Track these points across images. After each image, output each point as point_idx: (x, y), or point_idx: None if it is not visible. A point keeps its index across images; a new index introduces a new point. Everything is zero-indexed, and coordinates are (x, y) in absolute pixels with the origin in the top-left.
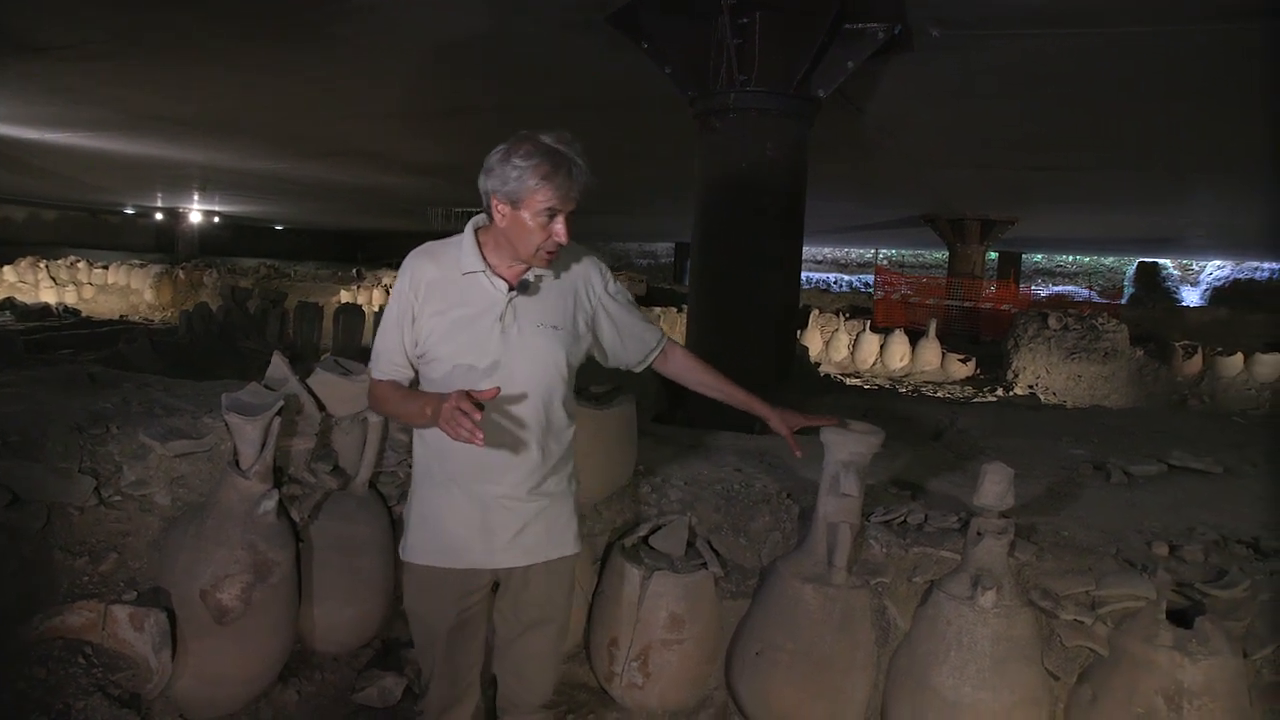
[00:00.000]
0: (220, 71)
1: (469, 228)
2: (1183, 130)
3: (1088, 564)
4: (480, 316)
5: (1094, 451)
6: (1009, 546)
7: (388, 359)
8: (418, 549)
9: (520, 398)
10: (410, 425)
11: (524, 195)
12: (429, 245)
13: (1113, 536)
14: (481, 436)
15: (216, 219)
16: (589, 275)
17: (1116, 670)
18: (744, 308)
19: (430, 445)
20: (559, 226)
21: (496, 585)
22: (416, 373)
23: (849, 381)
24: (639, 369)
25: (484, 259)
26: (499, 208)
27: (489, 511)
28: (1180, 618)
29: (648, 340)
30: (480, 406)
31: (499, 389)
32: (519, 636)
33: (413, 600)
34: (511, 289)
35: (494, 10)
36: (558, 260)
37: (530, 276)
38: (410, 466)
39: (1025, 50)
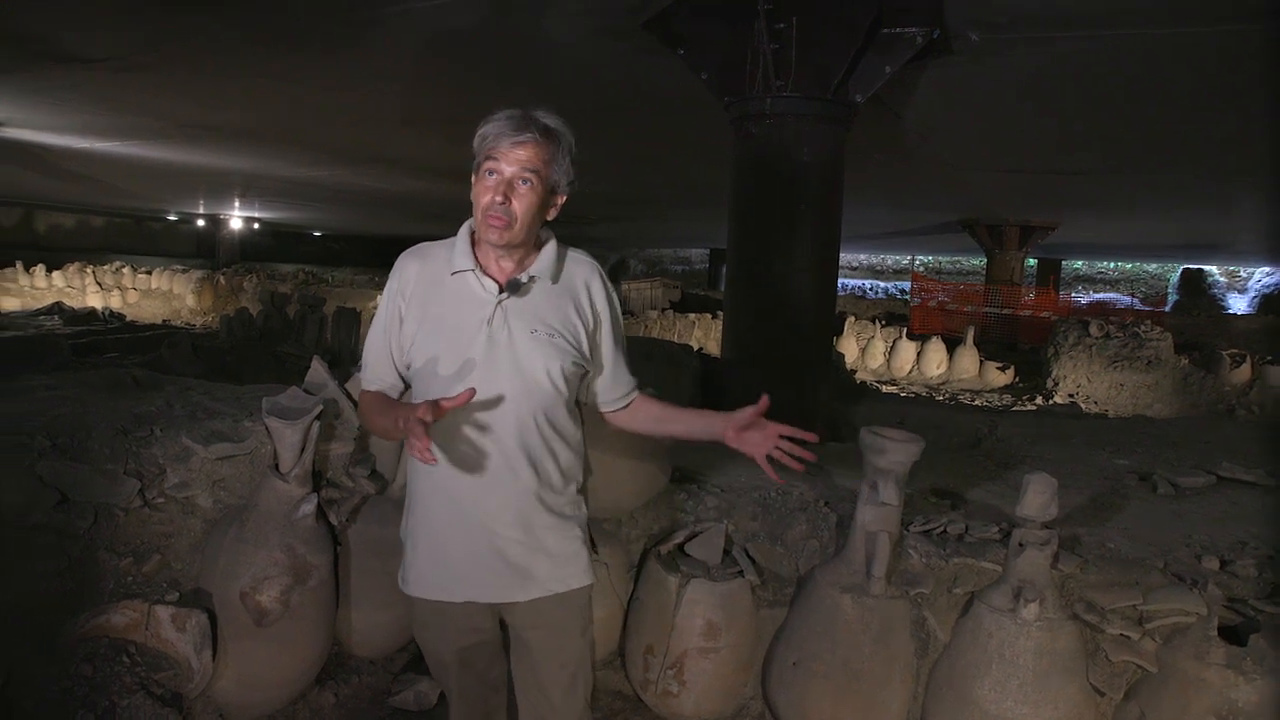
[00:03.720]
0: (255, 80)
1: (465, 226)
2: (1227, 133)
3: (1134, 577)
4: (466, 320)
5: (1139, 462)
6: (1052, 558)
7: (373, 369)
8: (412, 580)
9: (508, 410)
10: (389, 440)
11: (477, 153)
12: (421, 245)
13: (1160, 549)
14: (434, 458)
15: (256, 225)
16: (591, 282)
17: (1166, 688)
18: (780, 313)
19: (416, 464)
20: (498, 186)
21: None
22: (408, 385)
23: (885, 389)
24: (603, 410)
25: (475, 258)
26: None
27: (480, 538)
28: (1233, 635)
29: (627, 381)
30: (466, 422)
31: (473, 391)
32: (531, 688)
33: (416, 631)
34: (501, 290)
35: (527, 17)
36: (559, 264)
37: (523, 277)
38: None
39: (1065, 53)
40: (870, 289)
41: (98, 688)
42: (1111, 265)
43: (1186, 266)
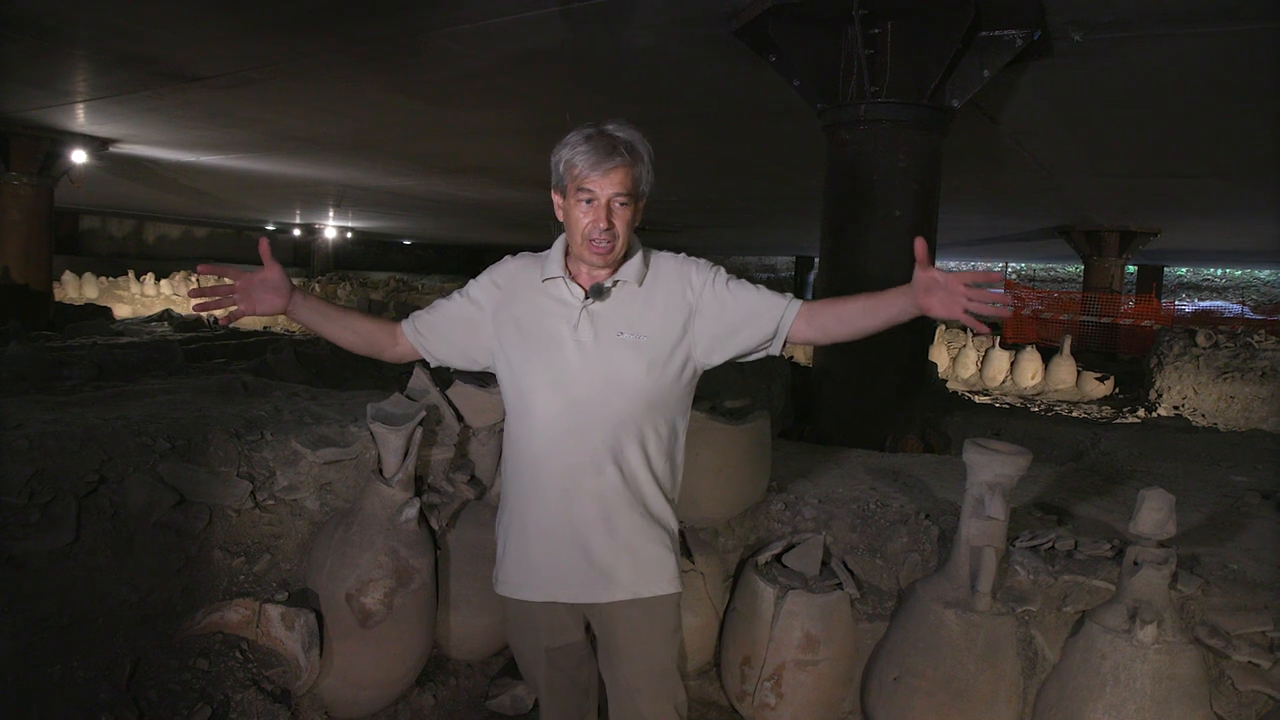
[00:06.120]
0: (351, 92)
1: (560, 239)
2: None
3: (1263, 601)
4: (555, 324)
5: (1260, 479)
6: (1170, 578)
7: (422, 313)
8: (501, 579)
9: (596, 412)
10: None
11: (564, 178)
12: (524, 253)
13: None
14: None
15: (349, 234)
16: (686, 273)
17: None
18: None
19: (508, 460)
20: (598, 211)
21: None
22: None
23: (978, 399)
24: (781, 342)
25: (566, 266)
26: (557, 203)
27: (565, 538)
28: None
29: (777, 305)
30: (556, 424)
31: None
32: (619, 691)
33: (507, 631)
34: (586, 295)
35: (618, 29)
36: (645, 266)
37: (607, 282)
38: None
39: (1173, 52)
40: None
41: (214, 681)
42: (1218, 272)
43: None
